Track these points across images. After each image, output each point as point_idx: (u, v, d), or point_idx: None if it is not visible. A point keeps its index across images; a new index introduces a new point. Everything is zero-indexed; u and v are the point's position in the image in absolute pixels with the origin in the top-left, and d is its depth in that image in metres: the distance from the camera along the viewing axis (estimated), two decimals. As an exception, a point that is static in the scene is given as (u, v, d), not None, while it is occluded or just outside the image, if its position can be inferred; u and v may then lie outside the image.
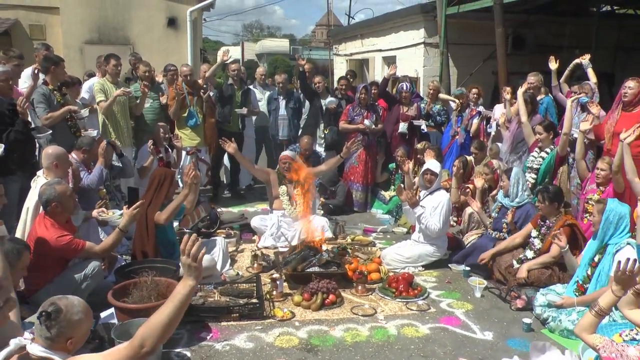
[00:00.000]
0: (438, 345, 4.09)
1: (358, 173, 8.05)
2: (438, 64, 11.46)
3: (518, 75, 9.02)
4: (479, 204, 6.34)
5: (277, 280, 4.82)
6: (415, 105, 8.40)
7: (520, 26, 11.27)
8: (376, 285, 5.14)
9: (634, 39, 12.38)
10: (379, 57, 14.18)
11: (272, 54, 35.92)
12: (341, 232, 6.71)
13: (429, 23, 11.69)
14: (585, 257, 4.54)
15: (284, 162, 6.61)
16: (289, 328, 4.27)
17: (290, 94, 8.89)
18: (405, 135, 8.24)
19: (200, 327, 4.22)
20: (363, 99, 7.98)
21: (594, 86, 6.55)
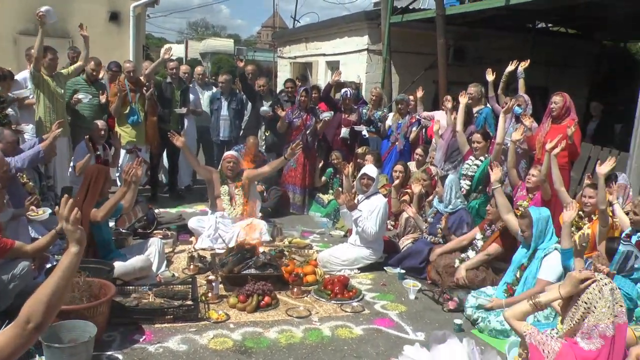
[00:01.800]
0: (371, 346, 4.17)
1: (296, 176, 8.11)
2: (380, 70, 11.63)
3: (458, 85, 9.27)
4: (416, 209, 6.51)
5: (213, 282, 4.80)
6: (357, 111, 8.53)
7: (461, 38, 11.56)
8: (312, 288, 5.18)
9: (565, 56, 12.96)
10: (322, 61, 14.27)
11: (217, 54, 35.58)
12: (279, 235, 6.75)
13: (373, 30, 11.85)
14: (514, 261, 4.79)
15: (229, 161, 6.59)
16: (223, 330, 4.27)
17: (233, 94, 8.86)
18: (347, 140, 8.36)
19: (133, 329, 4.16)
20: (303, 101, 8.05)
21: (527, 98, 6.82)
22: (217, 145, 8.86)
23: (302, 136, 7.87)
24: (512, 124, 6.74)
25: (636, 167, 6.49)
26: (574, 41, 13.71)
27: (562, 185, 5.30)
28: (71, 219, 2.16)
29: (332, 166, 8.26)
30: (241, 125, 8.85)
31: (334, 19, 13.78)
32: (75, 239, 2.15)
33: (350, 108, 8.51)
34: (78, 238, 2.15)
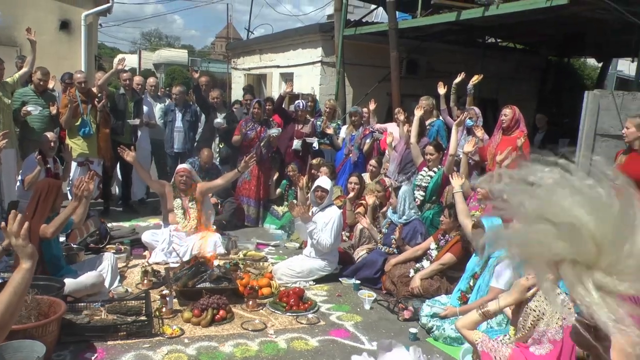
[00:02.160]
0: (327, 357, 4.19)
1: (251, 188, 8.10)
2: (334, 82, 11.71)
3: (411, 97, 9.44)
4: (370, 220, 6.58)
5: (167, 297, 4.74)
6: (310, 123, 8.58)
7: (413, 51, 11.76)
8: (267, 300, 5.18)
9: (514, 69, 13.37)
10: (276, 73, 14.30)
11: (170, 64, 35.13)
12: (234, 248, 6.71)
13: (327, 42, 11.95)
14: (468, 270, 4.91)
15: (181, 175, 6.53)
16: (177, 345, 4.22)
17: (187, 106, 8.79)
18: (299, 152, 8.40)
19: (84, 348, 4.07)
20: (256, 113, 8.06)
21: (478, 111, 6.99)
22: (171, 158, 8.77)
23: (256, 148, 7.88)
24: (463, 135, 6.90)
25: (581, 177, 6.71)
26: (522, 56, 14.18)
27: None
28: (22, 234, 2.13)
29: (287, 178, 8.28)
30: (195, 137, 8.80)
31: (288, 31, 13.85)
32: (27, 254, 2.11)
33: (304, 120, 8.55)
34: (29, 253, 2.12)
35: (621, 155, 5.46)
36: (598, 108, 6.58)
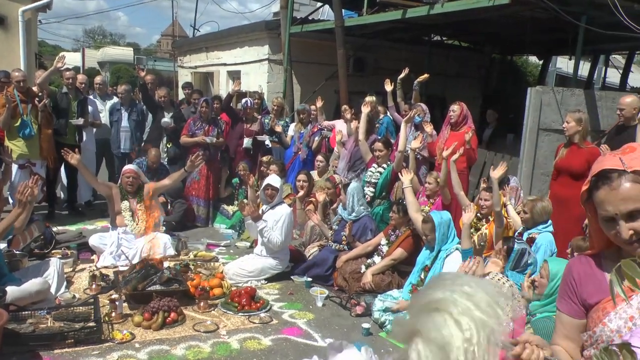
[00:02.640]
0: (280, 356, 4.20)
1: (200, 188, 8.02)
2: (282, 80, 11.71)
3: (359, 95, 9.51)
4: (320, 217, 6.62)
5: (117, 301, 4.65)
6: (258, 121, 8.55)
7: (360, 49, 11.85)
8: (219, 301, 5.15)
9: (459, 67, 13.66)
10: (223, 71, 14.19)
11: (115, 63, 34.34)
12: (184, 248, 6.64)
13: (273, 40, 11.92)
14: (418, 263, 5.02)
15: (128, 176, 6.39)
16: (128, 350, 4.15)
17: (134, 105, 8.63)
18: (250, 151, 8.36)
19: (29, 358, 3.95)
20: (204, 112, 7.98)
21: (425, 107, 7.11)
22: (117, 158, 8.61)
23: (204, 147, 7.80)
24: (412, 131, 7.00)
25: (526, 170, 6.96)
26: (467, 54, 14.49)
27: (461, 189, 5.60)
28: None
29: (237, 177, 8.23)
30: (142, 137, 8.65)
31: (234, 29, 13.76)
32: None
33: (252, 118, 8.51)
34: None
35: (562, 148, 5.65)
36: (540, 104, 6.82)
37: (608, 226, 1.66)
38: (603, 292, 1.76)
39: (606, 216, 1.64)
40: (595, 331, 1.75)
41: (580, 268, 1.85)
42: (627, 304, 1.70)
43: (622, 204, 1.59)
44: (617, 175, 1.62)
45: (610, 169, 1.64)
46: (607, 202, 1.62)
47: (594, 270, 1.82)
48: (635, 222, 1.60)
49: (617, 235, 1.63)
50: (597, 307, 1.77)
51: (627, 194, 1.59)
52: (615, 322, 1.70)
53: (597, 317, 1.76)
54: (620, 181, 1.61)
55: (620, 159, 1.64)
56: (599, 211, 1.67)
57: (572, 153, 5.46)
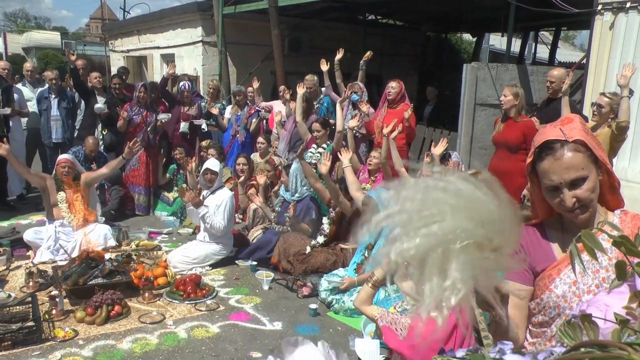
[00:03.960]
0: (229, 342, 4.18)
1: (140, 175, 7.80)
2: (217, 62, 11.54)
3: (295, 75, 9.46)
4: (262, 199, 6.58)
5: (57, 298, 4.49)
6: (196, 105, 8.40)
7: (295, 29, 11.78)
8: (163, 290, 5.07)
9: (396, 46, 13.77)
10: (157, 54, 13.87)
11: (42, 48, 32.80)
12: (125, 239, 6.48)
13: (207, 22, 11.71)
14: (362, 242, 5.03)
15: (63, 166, 6.14)
16: (72, 348, 4.02)
17: (63, 92, 8.29)
18: (187, 135, 8.21)
19: (-37, 364, 3.80)
20: (142, 97, 7.76)
21: (362, 86, 7.13)
22: (49, 148, 8.28)
23: (142, 133, 7.61)
24: (350, 110, 7.02)
25: (464, 145, 7.12)
26: (403, 32, 14.62)
27: (401, 166, 5.66)
28: None
29: (175, 162, 8.08)
30: (75, 125, 8.34)
31: (166, 11, 13.47)
32: None
33: (189, 102, 8.35)
34: None
35: (499, 122, 5.79)
36: (476, 79, 6.96)
37: (552, 195, 1.72)
38: (548, 260, 1.83)
39: (551, 185, 1.69)
40: (543, 298, 1.82)
41: (527, 237, 1.91)
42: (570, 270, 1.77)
43: (565, 173, 1.65)
44: (560, 146, 1.67)
45: (553, 140, 1.69)
46: (552, 171, 1.67)
47: (539, 239, 1.88)
48: (577, 190, 1.66)
49: (561, 204, 1.69)
50: (543, 275, 1.83)
51: (570, 162, 1.65)
52: (561, 288, 1.78)
53: (544, 285, 1.82)
54: (563, 151, 1.66)
55: (561, 129, 1.70)
56: (544, 181, 1.72)
57: (509, 127, 5.61)
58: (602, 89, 6.38)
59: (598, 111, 5.25)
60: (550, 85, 5.90)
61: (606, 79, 6.56)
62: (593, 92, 6.58)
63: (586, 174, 1.66)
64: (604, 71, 6.58)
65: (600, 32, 6.63)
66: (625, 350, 0.70)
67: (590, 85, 6.61)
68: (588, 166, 1.67)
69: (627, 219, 1.80)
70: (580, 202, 1.67)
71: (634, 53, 6.31)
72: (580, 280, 1.76)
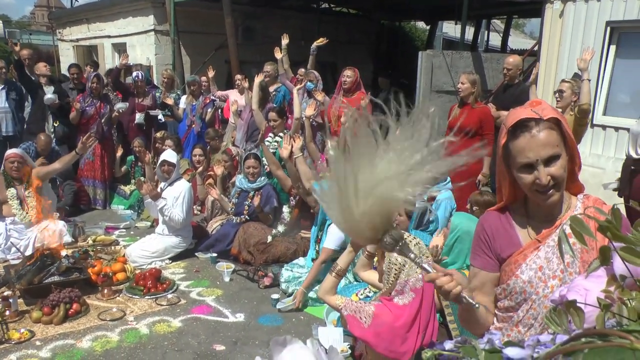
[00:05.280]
0: (192, 336, 4.15)
1: (95, 169, 7.64)
2: (170, 52, 11.36)
3: (250, 64, 9.38)
4: (220, 190, 6.52)
5: (10, 298, 4.35)
6: (150, 95, 8.25)
7: (249, 17, 11.68)
8: (123, 286, 4.99)
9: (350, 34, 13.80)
10: (108, 43, 13.55)
11: (-18, 37, 31.78)
12: (81, 234, 6.35)
13: (158, 10, 11.49)
14: (312, 236, 5.20)
15: (12, 161, 5.91)
16: (28, 350, 3.90)
17: (11, 83, 7.98)
18: (143, 126, 8.06)
19: None
20: (95, 88, 7.57)
21: (317, 74, 7.11)
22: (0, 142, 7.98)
23: (96, 125, 7.43)
24: (305, 99, 6.99)
25: (421, 133, 7.17)
26: (356, 20, 14.66)
27: None
28: None
29: (133, 154, 7.92)
30: (24, 117, 8.07)
31: (115, -2, 13.12)
32: None
33: (144, 92, 8.19)
34: None
35: (456, 108, 5.87)
36: (432, 67, 7.03)
37: (525, 175, 1.73)
38: (514, 246, 1.87)
39: (527, 163, 1.71)
40: (509, 284, 1.85)
41: (491, 223, 1.94)
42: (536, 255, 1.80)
43: (542, 149, 1.68)
44: (535, 123, 1.70)
45: (528, 118, 1.72)
46: (528, 148, 1.70)
47: (505, 225, 1.91)
48: (551, 167, 1.70)
49: (535, 183, 1.71)
50: (509, 261, 1.86)
51: (547, 139, 1.68)
52: (527, 274, 1.81)
53: (510, 270, 1.85)
54: (539, 128, 1.69)
55: (532, 110, 1.73)
56: (518, 160, 1.73)
57: (466, 112, 5.69)
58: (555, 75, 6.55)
59: (560, 97, 5.38)
60: (507, 72, 6.02)
61: (557, 65, 6.72)
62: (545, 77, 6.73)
63: (560, 152, 1.70)
64: (555, 58, 6.74)
65: (551, 20, 6.78)
66: (628, 339, 0.71)
67: (543, 71, 6.76)
68: (560, 145, 1.71)
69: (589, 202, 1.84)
70: (554, 180, 1.70)
71: (582, 40, 6.48)
72: (546, 265, 1.79)
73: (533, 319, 1.84)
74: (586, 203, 1.84)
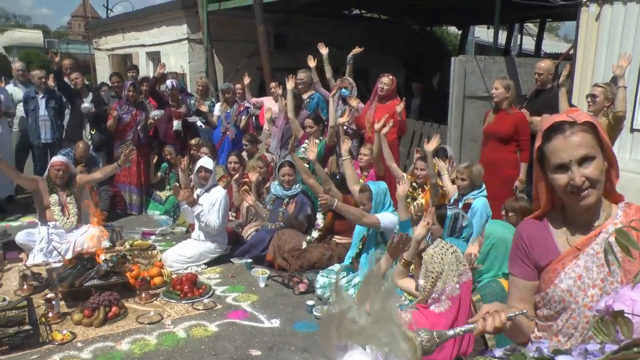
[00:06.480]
0: (228, 341, 4.17)
1: (131, 175, 7.76)
2: (204, 60, 11.49)
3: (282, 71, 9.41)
4: (255, 196, 6.56)
5: (53, 300, 4.43)
6: (185, 103, 8.35)
7: (281, 25, 11.73)
8: (160, 290, 5.05)
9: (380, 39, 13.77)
10: (142, 52, 13.77)
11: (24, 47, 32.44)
12: (119, 239, 6.43)
13: (191, 19, 11.64)
14: (356, 235, 5.08)
15: (57, 169, 6.03)
16: (70, 351, 3.98)
17: (51, 92, 8.14)
18: (180, 133, 8.16)
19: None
20: (131, 96, 7.70)
21: (352, 81, 7.10)
22: (38, 149, 8.15)
23: (132, 132, 7.56)
24: (339, 106, 7.00)
25: (454, 137, 7.13)
26: (388, 26, 14.59)
27: (393, 161, 5.70)
28: None
29: (166, 161, 8.03)
30: (63, 125, 8.24)
31: (150, 8, 13.42)
32: None
33: (177, 100, 8.30)
34: None
35: (490, 114, 5.81)
36: (464, 72, 6.97)
37: (559, 176, 1.73)
38: (552, 254, 1.84)
39: (560, 164, 1.71)
40: (547, 292, 1.83)
41: (529, 231, 1.92)
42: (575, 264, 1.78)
43: (575, 150, 1.69)
44: (569, 125, 1.72)
45: (562, 121, 1.73)
46: (562, 149, 1.71)
47: (542, 233, 1.89)
48: (585, 168, 1.69)
49: (568, 185, 1.71)
50: (548, 269, 1.84)
51: (580, 141, 1.69)
52: (566, 282, 1.79)
53: (548, 278, 1.83)
54: (573, 130, 1.71)
55: (568, 115, 1.75)
56: (552, 161, 1.74)
57: (500, 118, 5.64)
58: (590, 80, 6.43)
59: (593, 101, 5.29)
60: (539, 77, 5.94)
61: (594, 70, 6.59)
62: (581, 82, 6.61)
63: (594, 154, 1.70)
64: (591, 62, 6.60)
65: (587, 23, 6.66)
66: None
67: (579, 76, 6.64)
68: (596, 148, 1.71)
69: (632, 211, 1.81)
70: (589, 181, 1.69)
71: (620, 44, 6.35)
72: (585, 274, 1.77)
73: (573, 329, 1.81)
74: (628, 212, 1.80)
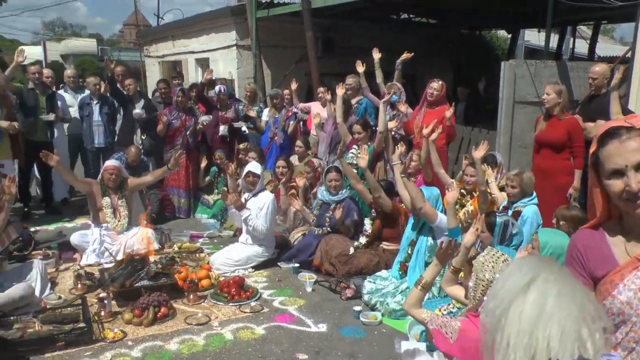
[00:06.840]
0: (275, 344, 4.18)
1: (180, 179, 7.90)
2: (252, 66, 11.59)
3: (330, 76, 9.44)
4: (302, 201, 6.58)
5: (105, 300, 4.56)
6: (232, 108, 8.45)
7: (328, 30, 11.74)
8: (208, 292, 5.11)
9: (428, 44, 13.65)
10: (192, 59, 13.98)
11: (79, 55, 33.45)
12: (167, 241, 6.55)
13: (240, 25, 11.75)
14: (405, 239, 5.03)
15: (111, 173, 6.18)
16: (121, 349, 4.08)
17: (104, 98, 8.36)
18: (227, 138, 8.26)
19: (20, 364, 3.84)
20: (180, 102, 7.84)
21: (400, 86, 7.06)
22: (92, 153, 8.37)
23: (182, 137, 7.68)
24: (388, 111, 6.95)
25: (504, 143, 6.99)
26: (436, 31, 14.45)
27: (441, 167, 5.62)
28: None
29: (215, 165, 8.13)
30: (115, 130, 8.45)
31: (200, 15, 13.56)
32: None
33: (225, 105, 8.40)
34: None
35: (541, 121, 5.67)
36: (514, 77, 6.83)
37: (615, 182, 1.67)
38: (609, 264, 1.77)
39: (615, 169, 1.65)
40: (605, 304, 1.75)
41: (584, 241, 1.85)
42: (635, 275, 1.71)
43: (632, 155, 1.62)
44: (626, 130, 1.65)
45: (618, 126, 1.67)
46: (617, 154, 1.64)
47: (599, 243, 1.82)
48: None
49: (624, 193, 1.64)
50: (605, 280, 1.77)
51: (638, 146, 1.62)
52: (625, 294, 1.71)
53: (606, 290, 1.76)
54: (630, 135, 1.64)
55: (626, 121, 1.69)
56: (607, 166, 1.67)
57: (552, 125, 5.47)
58: (649, 84, 6.21)
59: None
60: (593, 82, 5.73)
61: (653, 75, 6.38)
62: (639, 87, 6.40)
63: None
64: (650, 65, 6.39)
65: (646, 25, 6.44)
66: None
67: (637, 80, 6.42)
68: None
69: None
70: None
71: (682, 46, 6.12)
72: None
73: (634, 342, 1.72)
74: None
